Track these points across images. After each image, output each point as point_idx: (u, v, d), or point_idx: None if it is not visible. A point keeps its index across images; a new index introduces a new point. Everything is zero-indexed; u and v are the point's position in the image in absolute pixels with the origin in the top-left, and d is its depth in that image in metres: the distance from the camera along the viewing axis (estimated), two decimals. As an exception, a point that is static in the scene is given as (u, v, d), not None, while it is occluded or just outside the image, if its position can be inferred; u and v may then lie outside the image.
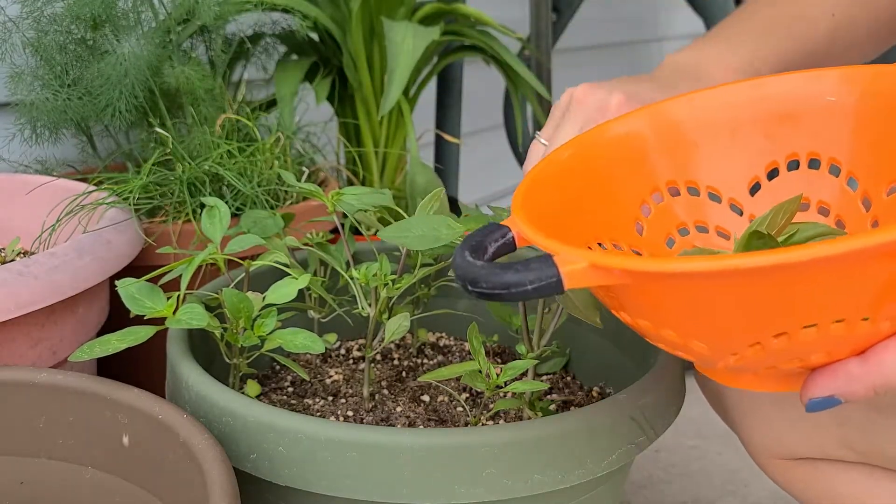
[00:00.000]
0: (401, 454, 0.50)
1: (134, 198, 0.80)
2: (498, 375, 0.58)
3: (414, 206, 1.04)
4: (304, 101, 1.08)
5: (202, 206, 0.73)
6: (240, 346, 0.60)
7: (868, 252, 0.32)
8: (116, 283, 0.57)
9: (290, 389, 0.70)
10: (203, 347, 0.65)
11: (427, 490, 0.50)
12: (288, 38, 1.11)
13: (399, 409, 0.65)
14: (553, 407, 0.68)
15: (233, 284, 0.64)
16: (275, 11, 1.06)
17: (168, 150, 0.86)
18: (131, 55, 0.84)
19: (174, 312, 0.56)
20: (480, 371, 0.58)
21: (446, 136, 1.31)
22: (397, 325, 0.60)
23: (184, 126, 0.94)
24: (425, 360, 0.76)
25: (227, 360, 0.63)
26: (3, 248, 0.82)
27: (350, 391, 0.68)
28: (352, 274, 0.62)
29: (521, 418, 0.64)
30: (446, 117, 1.40)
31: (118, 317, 0.67)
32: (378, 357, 0.75)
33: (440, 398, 0.67)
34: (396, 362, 0.75)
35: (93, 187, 0.82)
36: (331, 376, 0.71)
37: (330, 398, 0.67)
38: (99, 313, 0.74)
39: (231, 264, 0.69)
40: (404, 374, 0.73)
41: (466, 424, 0.63)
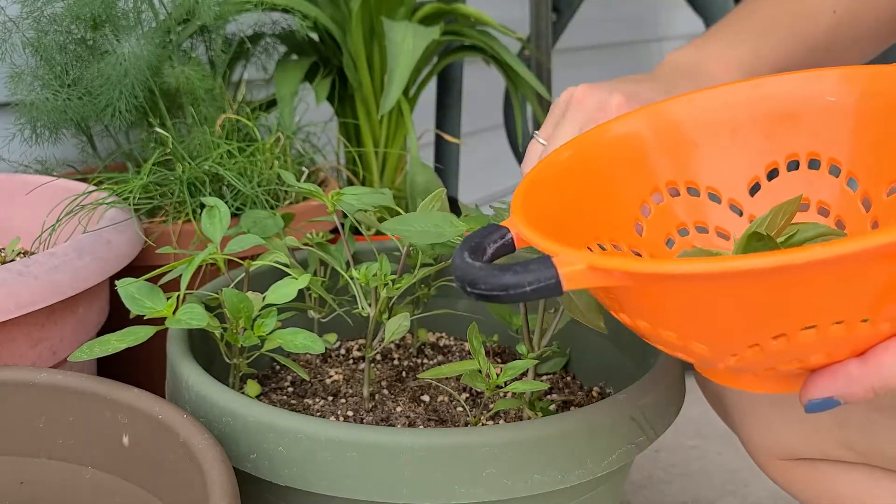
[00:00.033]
0: (401, 454, 0.50)
1: (134, 198, 0.80)
2: (498, 375, 0.58)
3: (414, 206, 1.04)
4: (304, 101, 1.08)
5: (202, 206, 0.73)
6: (240, 346, 0.60)
7: (867, 254, 0.32)
8: (116, 283, 0.57)
9: (290, 389, 0.70)
10: (203, 347, 0.65)
11: (427, 490, 0.50)
12: (288, 38, 1.11)
13: (399, 409, 0.65)
14: (553, 407, 0.68)
15: (233, 284, 0.64)
16: (275, 11, 1.06)
17: (168, 150, 0.86)
18: (131, 55, 0.84)
19: (174, 312, 0.56)
20: (480, 371, 0.58)
21: (446, 136, 1.31)
22: (397, 325, 0.60)
23: (184, 126, 0.94)
24: (425, 360, 0.76)
25: (227, 360, 0.63)
26: (3, 248, 0.82)
27: (350, 391, 0.68)
28: (352, 274, 0.62)
29: (521, 418, 0.64)
30: (446, 117, 1.40)
31: (118, 317, 0.67)
32: (378, 357, 0.75)
33: (440, 398, 0.67)
34: (396, 362, 0.75)
35: (93, 187, 0.82)
36: (331, 376, 0.71)
37: (330, 398, 0.67)
38: (99, 313, 0.74)
39: (231, 264, 0.69)
40: (404, 374, 0.72)
41: (466, 424, 0.63)
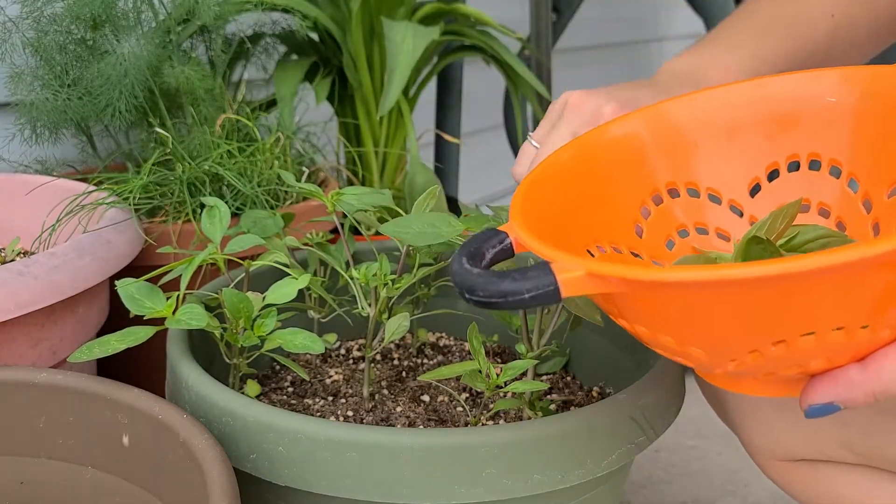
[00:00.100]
0: (401, 454, 0.50)
1: (134, 198, 0.80)
2: (498, 375, 0.58)
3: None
4: (304, 101, 1.08)
5: (202, 206, 0.73)
6: (240, 346, 0.60)
7: (866, 262, 0.31)
8: (116, 283, 0.57)
9: (290, 389, 0.70)
10: (203, 347, 0.65)
11: (427, 490, 0.50)
12: (288, 38, 1.11)
13: (399, 409, 0.65)
14: (553, 407, 0.68)
15: (233, 284, 0.64)
16: (275, 11, 1.06)
17: (168, 150, 0.86)
18: (131, 55, 0.84)
19: (174, 312, 0.56)
20: (480, 371, 0.58)
21: (446, 136, 1.31)
22: (397, 325, 0.60)
23: (184, 126, 0.94)
24: (425, 360, 0.76)
25: (227, 360, 0.63)
26: (3, 248, 0.82)
27: (350, 391, 0.68)
28: (352, 274, 0.62)
29: (521, 418, 0.64)
30: (446, 117, 1.40)
31: (118, 317, 0.67)
32: (378, 357, 0.75)
33: (440, 398, 0.67)
34: (396, 362, 0.75)
35: (93, 187, 0.82)
36: (331, 376, 0.71)
37: (330, 398, 0.67)
38: (99, 313, 0.74)
39: (231, 264, 0.69)
40: (404, 374, 0.72)
41: (466, 424, 0.63)
